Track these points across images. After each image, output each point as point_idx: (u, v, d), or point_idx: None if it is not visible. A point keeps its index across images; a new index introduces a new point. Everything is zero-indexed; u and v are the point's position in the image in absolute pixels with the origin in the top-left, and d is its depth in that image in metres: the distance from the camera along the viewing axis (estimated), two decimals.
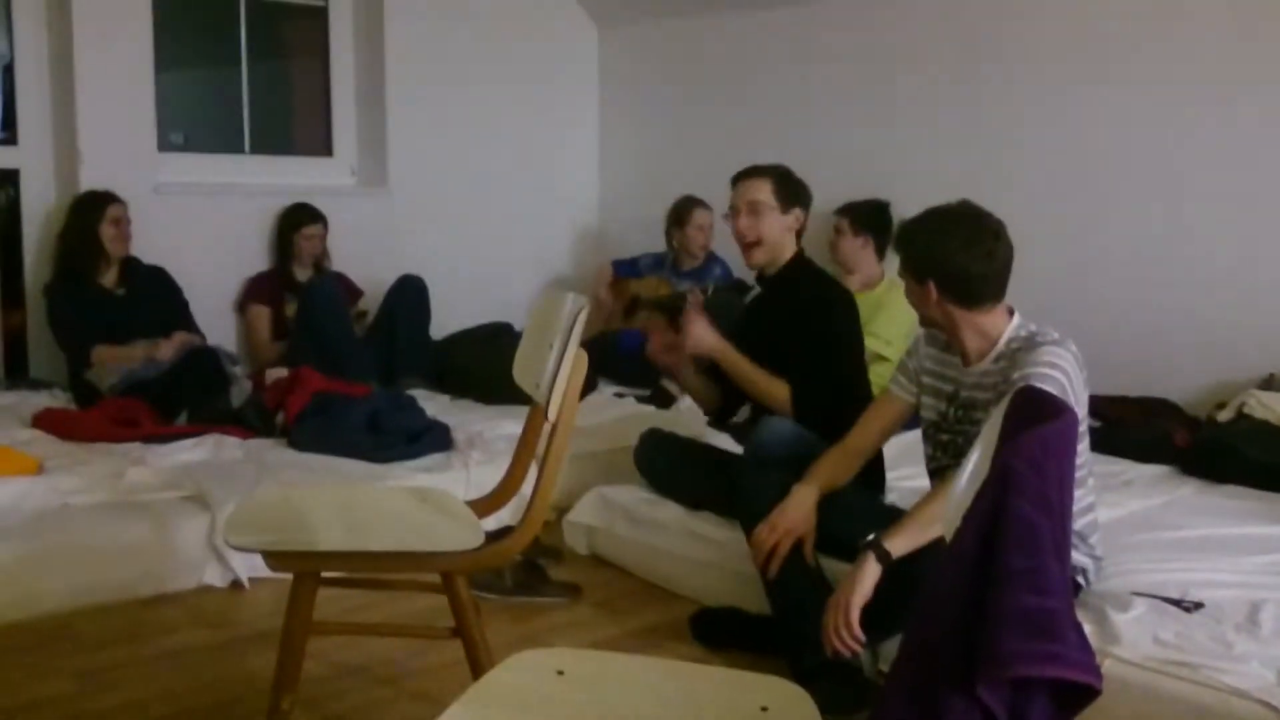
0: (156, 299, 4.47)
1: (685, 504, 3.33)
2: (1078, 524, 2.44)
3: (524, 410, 2.54)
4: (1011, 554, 1.26)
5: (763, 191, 3.18)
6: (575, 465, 3.67)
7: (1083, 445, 2.47)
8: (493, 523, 2.54)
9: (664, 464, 3.43)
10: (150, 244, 4.54)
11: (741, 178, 3.25)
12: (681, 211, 5.17)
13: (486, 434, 3.98)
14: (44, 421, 3.91)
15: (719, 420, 3.51)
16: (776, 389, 3.15)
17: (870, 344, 4.43)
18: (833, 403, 3.04)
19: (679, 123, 5.74)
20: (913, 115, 4.85)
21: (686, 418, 4.30)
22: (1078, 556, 2.47)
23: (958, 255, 2.46)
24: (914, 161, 4.80)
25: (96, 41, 4.51)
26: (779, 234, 3.20)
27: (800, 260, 3.26)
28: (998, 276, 2.50)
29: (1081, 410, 2.43)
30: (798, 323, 3.16)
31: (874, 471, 3.03)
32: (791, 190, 3.21)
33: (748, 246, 3.23)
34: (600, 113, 6.12)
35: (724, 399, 3.40)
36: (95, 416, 3.94)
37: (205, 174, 5.04)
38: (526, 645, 1.84)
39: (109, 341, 4.26)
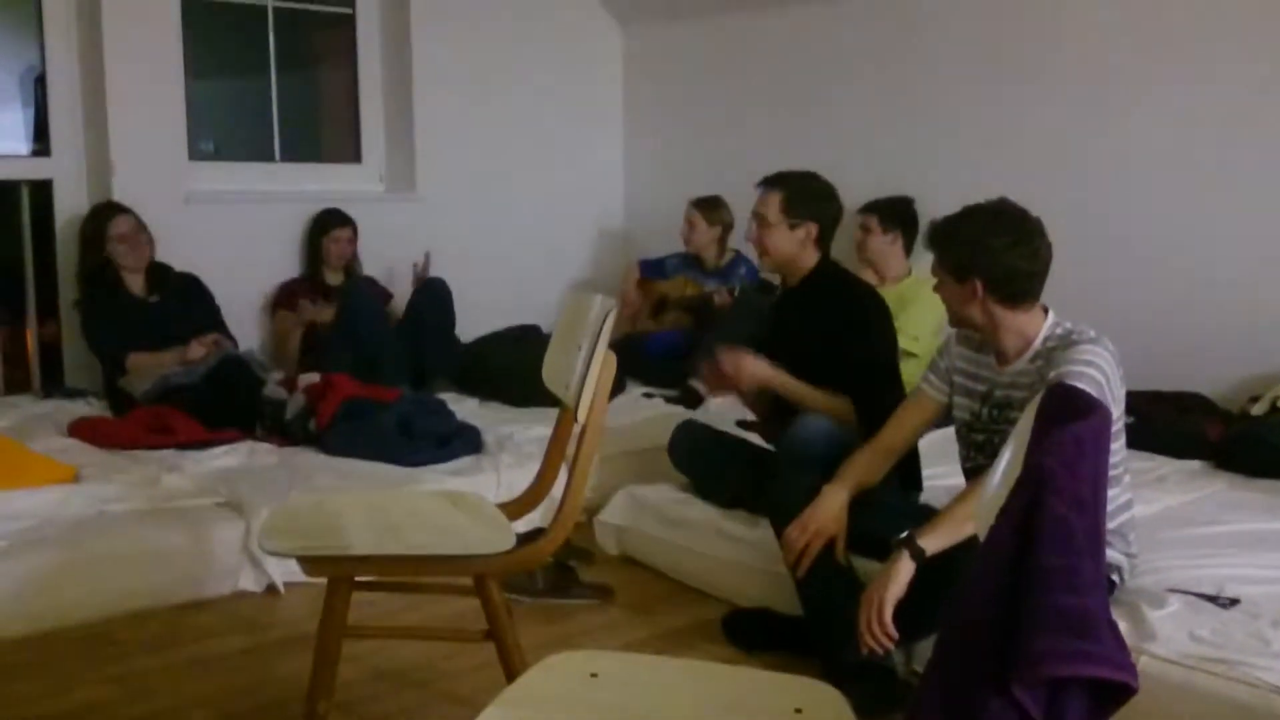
0: (189, 306, 4.51)
1: (717, 496, 3.33)
2: (1114, 522, 2.42)
3: (553, 412, 2.55)
4: (1046, 553, 1.25)
5: (770, 207, 3.14)
6: (605, 466, 3.69)
7: (1119, 444, 2.45)
8: (524, 525, 2.55)
9: (697, 455, 3.42)
10: (182, 252, 4.58)
11: (761, 186, 3.22)
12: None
13: (516, 436, 4.00)
14: (80, 430, 3.96)
15: (774, 422, 3.46)
16: (837, 405, 3.05)
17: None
18: (878, 408, 2.98)
19: (703, 122, 5.73)
20: (938, 113, 4.83)
21: (715, 418, 4.31)
22: (1113, 554, 2.45)
23: (1006, 254, 2.44)
24: (939, 159, 4.78)
25: (127, 52, 4.55)
26: (787, 247, 3.16)
27: (825, 267, 3.20)
28: (1042, 275, 2.48)
29: (1119, 409, 2.41)
30: (834, 330, 3.11)
31: (910, 470, 3.01)
32: (803, 204, 3.14)
33: (759, 254, 3.24)
34: (625, 113, 6.13)
35: (776, 404, 3.30)
36: (130, 424, 3.98)
37: (236, 182, 5.08)
38: (558, 647, 1.84)
39: (142, 348, 4.30)
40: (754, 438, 3.55)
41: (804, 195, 3.16)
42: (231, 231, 4.87)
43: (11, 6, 4.70)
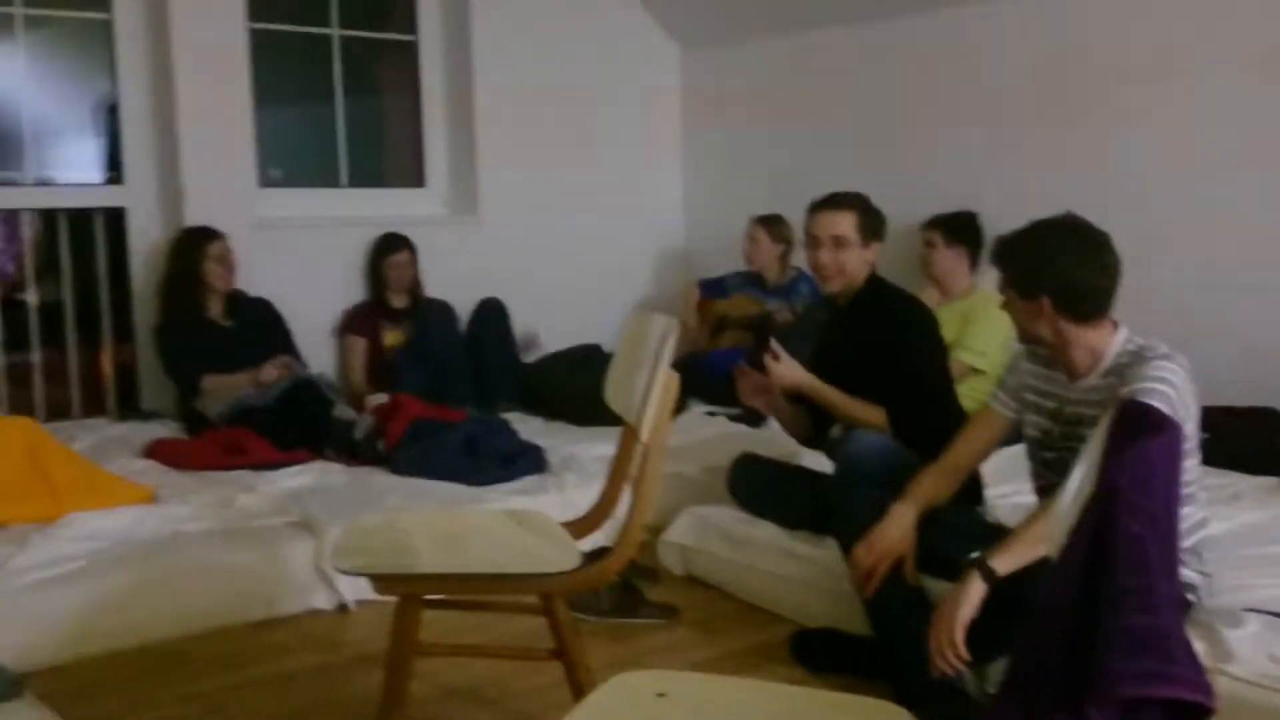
0: (262, 330, 4.60)
1: (782, 523, 3.31)
2: (1189, 540, 2.38)
3: (617, 432, 2.56)
4: (1120, 573, 1.24)
5: (847, 226, 3.15)
6: (668, 485, 3.67)
7: (1193, 461, 2.41)
8: (588, 544, 2.57)
9: (757, 488, 3.41)
10: (252, 277, 4.67)
11: (823, 208, 3.20)
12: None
13: (580, 456, 4.02)
14: (155, 452, 4.05)
15: (812, 445, 3.48)
16: (871, 415, 3.09)
17: (964, 357, 4.39)
18: (929, 421, 3.00)
19: (762, 142, 5.74)
20: (999, 130, 4.78)
21: (778, 436, 4.29)
22: (1188, 573, 2.40)
23: (1076, 269, 2.41)
24: (1000, 176, 4.74)
25: (197, 82, 4.67)
26: (859, 267, 3.19)
27: (874, 282, 3.23)
28: (1111, 290, 2.45)
29: (1192, 425, 2.37)
30: (882, 344, 3.13)
31: (971, 486, 2.99)
32: (872, 224, 3.18)
33: (827, 277, 3.22)
34: (684, 134, 6.15)
35: (814, 425, 3.37)
36: (205, 445, 4.06)
37: (304, 208, 5.18)
38: (624, 666, 1.85)
39: (217, 371, 4.39)
40: (817, 459, 3.54)
41: (872, 215, 3.20)
42: (300, 257, 4.95)
43: (84, 37, 4.83)
